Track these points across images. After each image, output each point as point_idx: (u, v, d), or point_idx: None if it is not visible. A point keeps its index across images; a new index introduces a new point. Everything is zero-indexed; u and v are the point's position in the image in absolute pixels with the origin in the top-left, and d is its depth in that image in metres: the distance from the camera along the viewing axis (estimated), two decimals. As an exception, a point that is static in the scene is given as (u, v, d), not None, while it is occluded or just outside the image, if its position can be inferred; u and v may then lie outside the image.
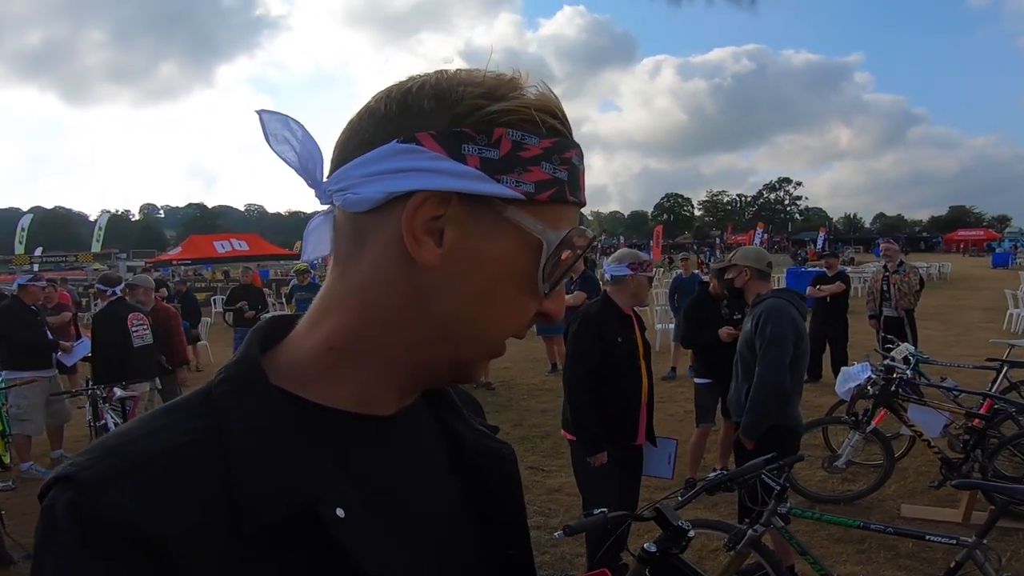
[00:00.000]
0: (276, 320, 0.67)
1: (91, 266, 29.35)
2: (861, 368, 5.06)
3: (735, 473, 2.70)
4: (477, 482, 0.69)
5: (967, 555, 2.70)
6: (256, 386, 0.56)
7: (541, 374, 9.69)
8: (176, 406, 0.56)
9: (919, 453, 5.39)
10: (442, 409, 0.72)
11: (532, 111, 0.56)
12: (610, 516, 2.07)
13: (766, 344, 3.50)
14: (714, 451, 5.63)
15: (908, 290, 8.08)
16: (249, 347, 0.61)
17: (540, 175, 0.56)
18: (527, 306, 0.60)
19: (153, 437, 0.51)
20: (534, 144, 0.56)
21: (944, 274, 27.08)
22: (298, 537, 0.51)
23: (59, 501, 0.47)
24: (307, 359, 0.60)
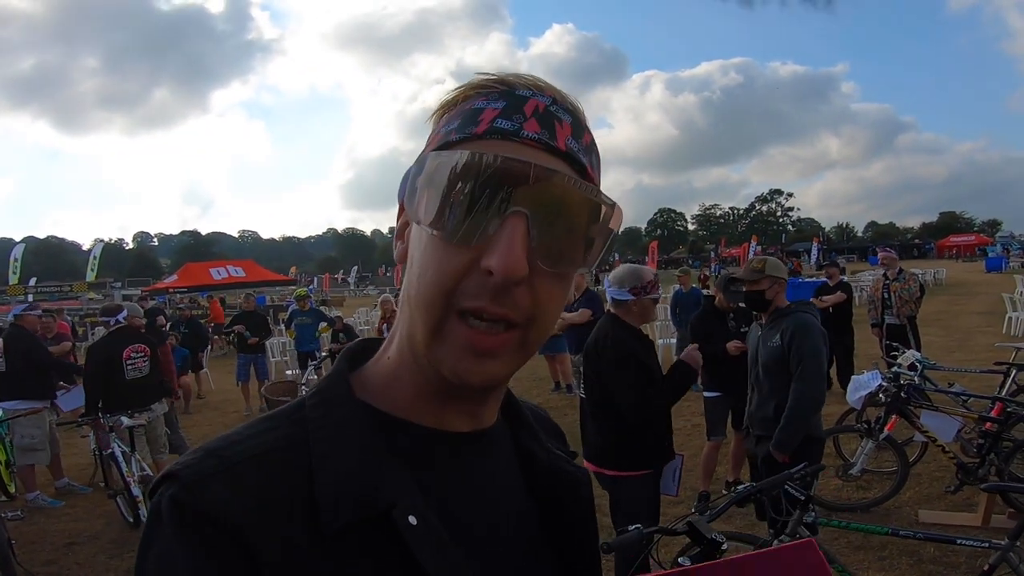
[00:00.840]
0: (366, 341, 0.71)
1: (86, 295, 29.25)
2: (871, 376, 5.06)
3: (764, 485, 2.68)
4: (551, 504, 0.70)
5: (1000, 558, 2.68)
6: (342, 399, 0.61)
7: (545, 392, 9.65)
8: (273, 416, 0.61)
9: (931, 459, 5.38)
10: (520, 431, 0.73)
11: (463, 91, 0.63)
12: (645, 532, 2.05)
13: (805, 359, 3.48)
14: (725, 463, 5.60)
15: (909, 297, 8.11)
16: (340, 363, 0.66)
17: (435, 139, 0.62)
18: (446, 259, 0.56)
19: (249, 442, 0.56)
20: (455, 119, 0.61)
21: (940, 280, 27.22)
22: (373, 540, 0.54)
23: (164, 496, 0.52)
24: (382, 374, 0.64)
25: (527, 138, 0.57)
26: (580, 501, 0.72)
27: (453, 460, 0.63)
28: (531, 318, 0.58)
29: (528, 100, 0.60)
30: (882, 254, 8.97)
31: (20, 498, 6.08)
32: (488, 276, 0.54)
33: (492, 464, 0.67)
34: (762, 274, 3.67)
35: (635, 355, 3.27)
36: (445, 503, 0.60)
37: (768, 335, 3.67)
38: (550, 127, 0.59)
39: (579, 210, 0.57)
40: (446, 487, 0.61)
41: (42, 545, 5.07)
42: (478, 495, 0.63)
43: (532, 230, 0.55)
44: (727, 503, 2.55)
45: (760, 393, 3.74)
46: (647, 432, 3.27)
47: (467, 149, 0.56)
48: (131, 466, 5.24)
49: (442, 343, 0.57)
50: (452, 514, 0.60)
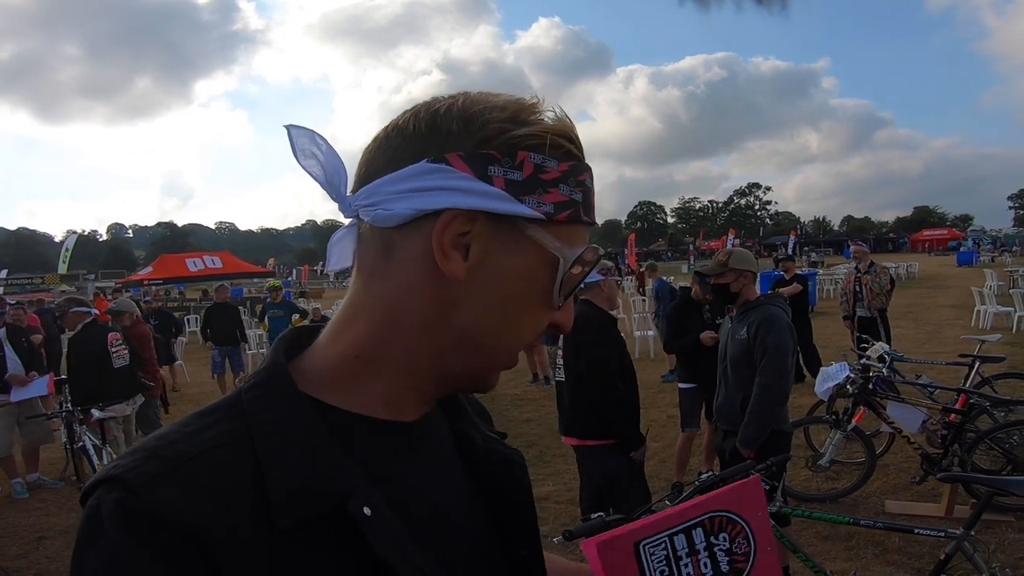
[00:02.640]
0: (300, 330, 0.70)
1: (58, 288, 28.70)
2: (839, 368, 5.13)
3: (726, 474, 2.71)
4: (490, 486, 0.72)
5: (956, 547, 2.74)
6: (283, 391, 0.60)
7: (522, 384, 9.68)
8: (207, 411, 0.60)
9: (899, 450, 5.49)
10: (455, 416, 0.75)
11: (552, 135, 0.61)
12: (608, 519, 2.07)
13: (769, 353, 3.45)
14: (698, 455, 5.67)
15: (879, 290, 8.24)
16: (276, 354, 0.64)
17: (558, 196, 0.61)
18: (541, 318, 0.64)
19: (190, 440, 0.55)
20: (553, 167, 0.60)
21: (912, 274, 27.63)
22: (328, 533, 0.54)
23: (105, 501, 0.50)
24: (333, 366, 0.63)
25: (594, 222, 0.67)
26: (517, 482, 0.75)
27: (403, 449, 0.64)
28: None
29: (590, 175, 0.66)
30: (854, 247, 9.13)
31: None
32: (551, 328, 0.66)
33: (436, 449, 0.69)
34: (726, 267, 3.64)
35: (614, 337, 3.72)
36: (397, 492, 0.61)
37: (736, 328, 3.65)
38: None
39: None
40: (397, 476, 0.62)
41: (12, 540, 5.01)
42: (427, 482, 0.65)
43: None
44: (689, 492, 2.58)
45: (727, 387, 3.72)
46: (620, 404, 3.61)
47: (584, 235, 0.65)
48: (103, 459, 5.19)
49: (496, 373, 0.67)
50: (405, 502, 0.61)
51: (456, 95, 0.63)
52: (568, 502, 5.13)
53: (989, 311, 12.97)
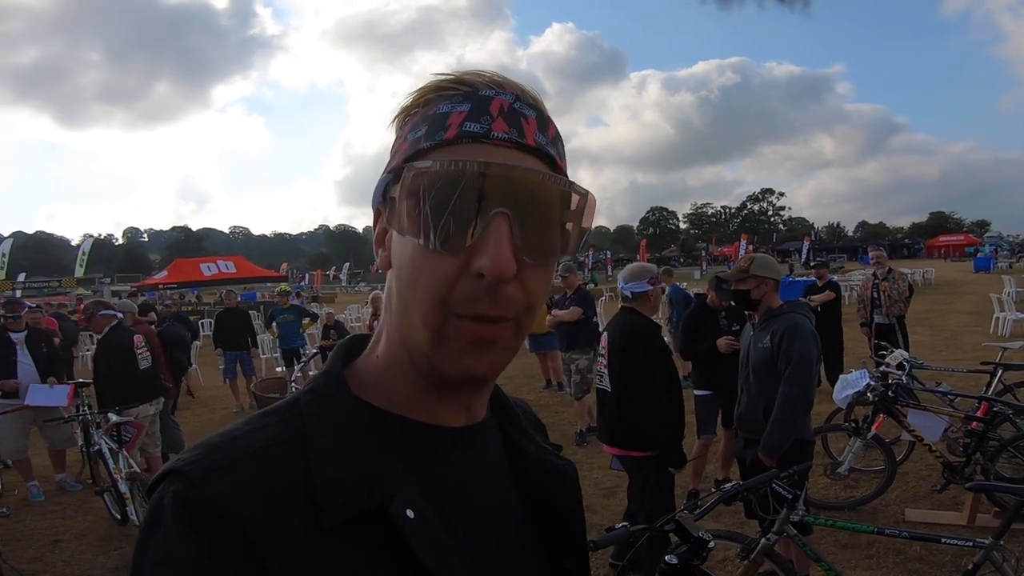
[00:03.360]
0: (359, 337, 0.72)
1: (75, 291, 29.01)
2: (859, 375, 5.07)
3: (751, 483, 2.69)
4: (540, 497, 0.71)
5: (984, 556, 2.69)
6: (337, 395, 0.62)
7: (536, 390, 9.66)
8: (268, 412, 0.62)
9: (919, 458, 5.41)
10: (509, 427, 0.74)
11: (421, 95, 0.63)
12: (632, 529, 2.05)
13: (794, 363, 3.39)
14: (714, 461, 5.62)
15: (898, 297, 8.13)
16: (334, 359, 0.67)
17: (404, 147, 0.62)
18: (436, 267, 0.57)
19: (249, 438, 0.57)
20: (412, 126, 0.63)
21: (928, 280, 27.36)
22: (371, 534, 0.55)
23: (167, 492, 0.53)
24: (374, 371, 0.65)
25: (498, 139, 0.59)
26: (567, 493, 0.74)
27: (448, 454, 0.64)
28: (524, 310, 0.61)
29: (493, 100, 0.60)
30: (873, 252, 8.96)
31: (7, 495, 6.06)
32: (480, 278, 0.56)
33: (484, 457, 0.68)
34: (747, 273, 3.59)
35: (661, 347, 3.73)
36: (441, 496, 0.61)
37: (759, 336, 3.59)
38: (518, 125, 0.60)
39: (555, 203, 0.60)
40: (442, 481, 0.62)
41: (28, 542, 5.03)
42: (472, 488, 0.65)
43: (515, 228, 0.57)
44: (714, 502, 2.56)
45: (749, 395, 3.66)
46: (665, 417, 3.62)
47: (441, 156, 0.58)
48: (118, 463, 5.21)
49: (445, 343, 0.59)
50: (448, 507, 0.61)
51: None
52: (584, 509, 5.09)
53: (1008, 318, 12.81)
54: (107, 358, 5.90)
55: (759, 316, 3.64)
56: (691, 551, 2.03)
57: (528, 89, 0.64)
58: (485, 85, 0.62)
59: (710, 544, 2.04)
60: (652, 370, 3.62)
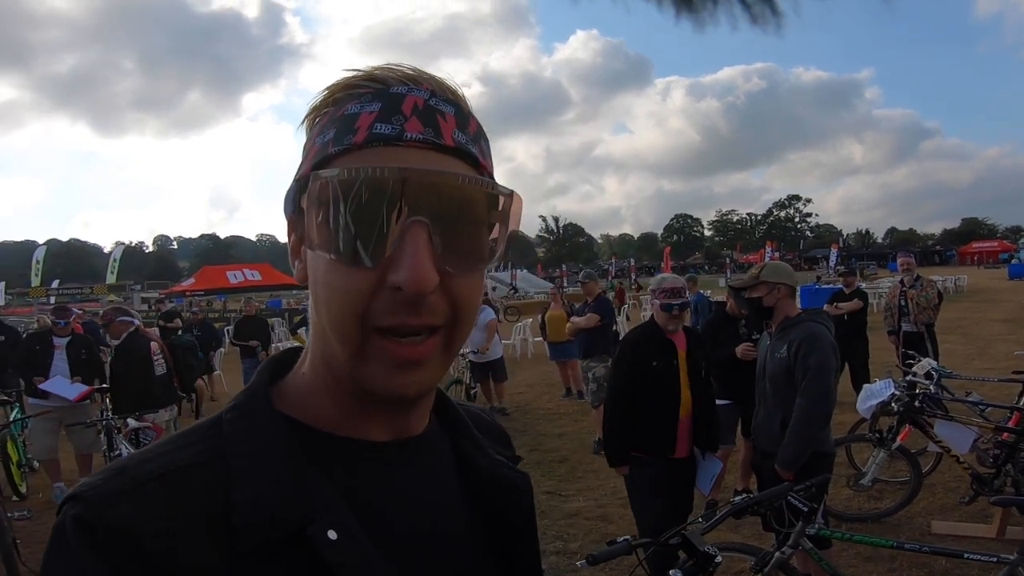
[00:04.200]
0: (288, 352, 0.68)
1: (106, 298, 29.59)
2: (884, 385, 4.95)
3: (763, 497, 2.62)
4: (492, 512, 0.68)
5: (1009, 572, 2.59)
6: (260, 412, 0.59)
7: (556, 399, 9.61)
8: (189, 431, 0.59)
9: (947, 469, 5.27)
10: (459, 439, 0.71)
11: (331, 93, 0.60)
12: (634, 543, 2.00)
13: (811, 374, 3.27)
14: (734, 472, 5.53)
15: (927, 304, 7.96)
16: (259, 375, 0.64)
17: (313, 151, 0.59)
18: (350, 283, 0.54)
19: (162, 459, 0.54)
20: (321, 128, 0.59)
21: (960, 287, 26.81)
22: (292, 556, 0.53)
23: (68, 516, 0.50)
24: (301, 386, 0.63)
25: (411, 140, 0.55)
26: (520, 508, 0.71)
27: (378, 470, 0.61)
28: (452, 319, 0.57)
29: (405, 97, 0.57)
30: (901, 259, 8.79)
31: (31, 498, 6.16)
32: (398, 292, 0.53)
33: (422, 472, 0.65)
34: (757, 280, 3.51)
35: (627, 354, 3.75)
36: (373, 515, 0.58)
37: (776, 345, 3.48)
38: (433, 123, 0.56)
39: (479, 205, 0.56)
40: (371, 498, 0.59)
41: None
42: (406, 504, 0.62)
43: (434, 237, 0.53)
44: (723, 515, 2.49)
45: (766, 407, 3.56)
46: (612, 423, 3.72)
47: (349, 163, 0.54)
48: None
49: (367, 362, 0.56)
50: (381, 526, 0.58)
51: None
52: (598, 518, 5.04)
53: (1043, 326, 12.47)
54: (124, 363, 5.99)
55: (775, 325, 3.54)
56: (697, 566, 1.97)
57: (447, 82, 0.60)
58: (397, 81, 0.58)
59: (716, 559, 1.99)
60: (616, 377, 3.76)
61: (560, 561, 4.35)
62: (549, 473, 6.25)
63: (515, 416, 8.78)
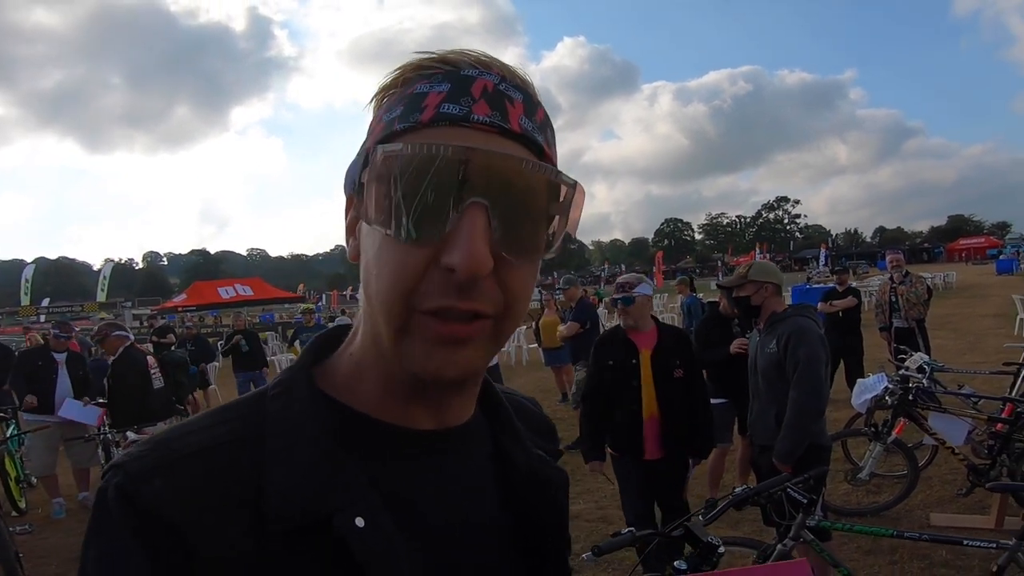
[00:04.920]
0: (337, 330, 0.68)
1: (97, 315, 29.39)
2: (877, 379, 4.99)
3: (762, 487, 2.64)
4: (524, 507, 0.67)
5: (1009, 558, 2.63)
6: (302, 392, 0.59)
7: (552, 404, 9.60)
8: (232, 405, 0.60)
9: (943, 461, 5.31)
10: (500, 431, 0.70)
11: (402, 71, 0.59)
12: (638, 535, 2.03)
13: (802, 367, 3.34)
14: (732, 470, 5.55)
15: (916, 300, 8.06)
16: (304, 354, 0.64)
17: (378, 128, 0.58)
18: (403, 260, 0.53)
19: (201, 434, 0.55)
20: (388, 106, 0.59)
21: (950, 283, 27.02)
22: (320, 543, 0.52)
23: (111, 485, 0.52)
24: (344, 368, 0.62)
25: (478, 122, 0.54)
26: (553, 505, 0.70)
27: (415, 458, 0.61)
28: (503, 309, 0.56)
29: (475, 80, 0.56)
30: (890, 256, 8.94)
31: (31, 513, 6.13)
32: (450, 273, 0.52)
33: (459, 463, 0.64)
34: (745, 279, 3.58)
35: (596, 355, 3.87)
36: (405, 505, 0.58)
37: (765, 341, 3.55)
38: (501, 108, 0.56)
39: (540, 194, 0.55)
40: (407, 488, 0.59)
41: (50, 559, 5.06)
42: (443, 496, 0.61)
43: (493, 220, 0.52)
44: (724, 505, 2.52)
45: (760, 402, 3.62)
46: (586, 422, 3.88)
47: (414, 139, 0.54)
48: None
49: (410, 340, 0.55)
50: (412, 517, 0.58)
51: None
52: (599, 520, 5.05)
53: (1032, 319, 12.59)
54: (123, 378, 5.98)
55: (763, 321, 3.61)
56: (701, 557, 1.99)
57: (517, 70, 0.60)
58: (469, 64, 0.57)
59: (720, 549, 2.01)
60: (589, 377, 3.90)
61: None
62: (548, 477, 6.26)
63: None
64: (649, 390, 3.61)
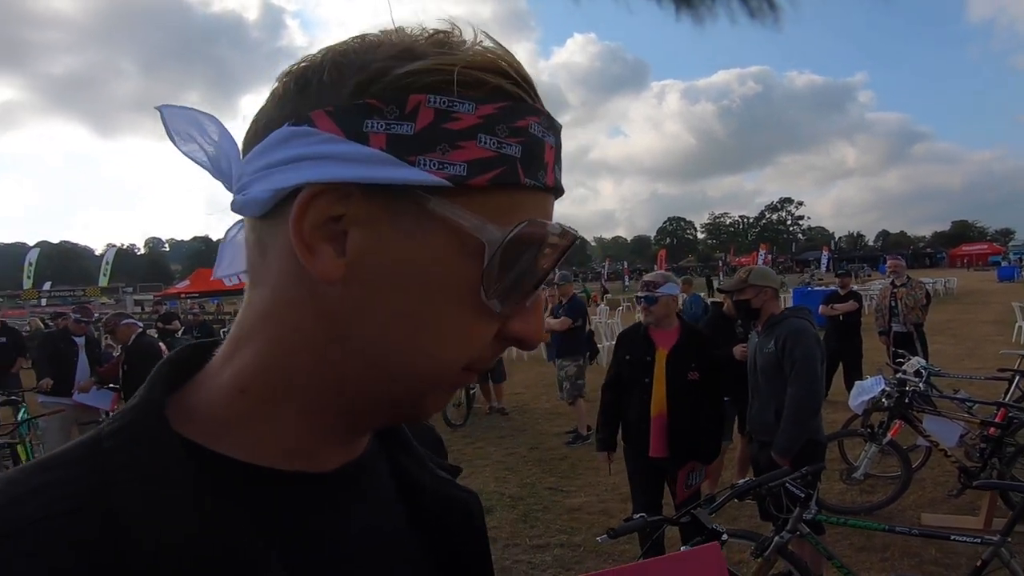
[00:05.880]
0: (194, 348, 0.53)
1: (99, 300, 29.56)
2: (874, 381, 5.12)
3: (763, 479, 2.78)
4: (440, 537, 0.59)
5: (993, 553, 2.76)
6: (154, 437, 0.44)
7: (553, 399, 9.68)
8: (61, 456, 0.44)
9: (936, 464, 5.44)
10: (398, 453, 0.60)
11: (464, 68, 0.44)
12: (650, 520, 2.16)
13: (799, 365, 3.52)
14: (731, 468, 5.67)
15: (915, 304, 8.15)
16: (151, 383, 0.48)
17: (476, 152, 0.43)
18: (476, 327, 0.47)
19: (33, 499, 0.40)
20: (468, 112, 0.43)
21: (951, 289, 27.10)
22: None
23: None
24: (217, 402, 0.48)
25: (555, 188, 0.49)
26: (473, 530, 0.62)
27: (321, 503, 0.50)
28: None
29: (543, 121, 0.47)
30: (890, 261, 9.05)
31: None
32: (515, 341, 0.49)
33: (367, 497, 0.54)
34: (746, 283, 3.75)
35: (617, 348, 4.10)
36: (308, 560, 0.47)
37: (764, 342, 3.73)
38: (559, 164, 0.50)
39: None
40: (308, 540, 0.48)
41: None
42: (351, 538, 0.51)
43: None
44: (727, 496, 2.65)
45: (760, 399, 3.79)
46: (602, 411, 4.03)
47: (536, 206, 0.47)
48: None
49: (435, 394, 0.50)
50: (317, 565, 0.48)
51: (349, 39, 0.47)
52: (600, 512, 5.19)
53: (1030, 327, 12.70)
54: (139, 364, 6.08)
55: (762, 323, 3.79)
56: (705, 542, 2.12)
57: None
58: (531, 92, 0.47)
59: (723, 536, 2.14)
60: (609, 368, 4.05)
61: (565, 553, 4.50)
62: (551, 470, 6.39)
63: (515, 415, 8.92)
64: (660, 388, 3.69)
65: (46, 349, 6.62)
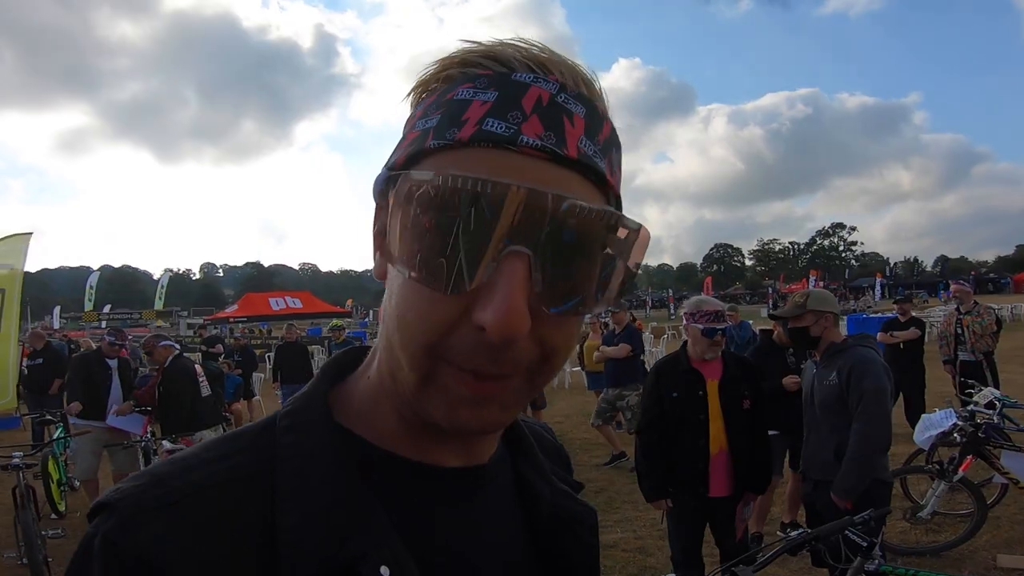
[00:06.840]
0: (355, 351, 0.61)
1: (154, 323, 30.45)
2: (944, 415, 4.77)
3: (822, 531, 2.45)
4: (551, 547, 0.61)
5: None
6: (317, 424, 0.52)
7: (593, 429, 9.41)
8: (237, 435, 0.53)
9: (1012, 501, 5.04)
10: (524, 464, 0.63)
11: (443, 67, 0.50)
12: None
13: (867, 398, 3.17)
14: (780, 504, 5.30)
15: (983, 331, 7.74)
16: (318, 378, 0.57)
17: (411, 136, 0.49)
18: (429, 310, 0.45)
19: (204, 469, 0.48)
20: (418, 111, 0.51)
21: (1018, 315, 25.86)
22: None
23: (99, 534, 0.45)
24: (361, 397, 0.55)
25: (527, 145, 0.44)
26: (584, 545, 0.62)
27: (444, 499, 0.54)
28: (539, 363, 0.48)
29: (528, 88, 0.46)
30: (954, 287, 8.61)
31: (69, 516, 6.24)
32: (481, 332, 0.43)
33: (489, 502, 0.57)
34: (804, 309, 3.38)
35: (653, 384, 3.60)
36: (431, 549, 0.51)
37: (823, 373, 3.37)
38: (557, 126, 0.46)
39: (595, 238, 0.45)
40: (433, 531, 0.53)
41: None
42: (470, 539, 0.55)
43: (535, 272, 0.43)
44: (776, 552, 2.34)
45: (818, 435, 3.42)
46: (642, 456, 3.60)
47: (448, 163, 0.45)
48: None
49: (435, 391, 0.47)
50: (438, 562, 0.52)
51: None
52: (636, 550, 4.87)
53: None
54: (174, 385, 6.08)
55: (821, 353, 3.43)
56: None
57: (582, 70, 0.50)
58: (523, 64, 0.47)
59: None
60: (645, 409, 3.62)
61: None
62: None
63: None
64: (718, 424, 3.39)
65: (80, 372, 6.62)
